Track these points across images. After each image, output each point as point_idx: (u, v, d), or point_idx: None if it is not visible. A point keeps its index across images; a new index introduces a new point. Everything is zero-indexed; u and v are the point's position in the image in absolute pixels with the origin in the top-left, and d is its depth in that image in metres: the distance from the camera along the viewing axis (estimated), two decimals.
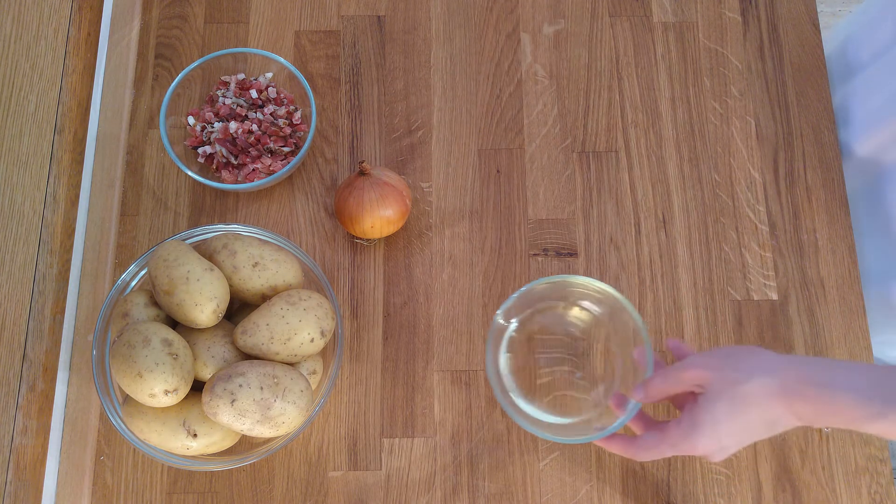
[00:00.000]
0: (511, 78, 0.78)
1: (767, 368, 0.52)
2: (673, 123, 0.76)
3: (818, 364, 0.53)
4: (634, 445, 0.57)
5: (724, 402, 0.53)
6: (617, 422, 0.59)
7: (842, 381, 0.50)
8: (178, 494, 0.67)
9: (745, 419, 0.53)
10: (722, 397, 0.53)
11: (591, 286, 0.64)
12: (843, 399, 0.50)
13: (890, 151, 0.72)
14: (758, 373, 0.52)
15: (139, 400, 0.57)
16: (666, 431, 0.56)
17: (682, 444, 0.55)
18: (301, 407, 0.59)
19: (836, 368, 0.52)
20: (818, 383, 0.50)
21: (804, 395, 0.51)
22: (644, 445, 0.57)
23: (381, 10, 0.80)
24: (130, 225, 0.74)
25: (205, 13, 0.80)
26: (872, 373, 0.51)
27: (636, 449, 0.57)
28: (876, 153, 0.73)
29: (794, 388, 0.51)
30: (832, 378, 0.51)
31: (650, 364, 0.59)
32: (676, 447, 0.55)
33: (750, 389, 0.52)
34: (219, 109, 0.73)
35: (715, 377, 0.53)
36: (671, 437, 0.55)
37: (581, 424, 0.65)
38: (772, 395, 0.52)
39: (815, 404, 0.50)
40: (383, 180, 0.68)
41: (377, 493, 0.67)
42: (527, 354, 0.68)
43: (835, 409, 0.50)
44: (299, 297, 0.61)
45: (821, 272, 0.72)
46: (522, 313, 0.68)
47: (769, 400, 0.52)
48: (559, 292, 0.67)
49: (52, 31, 0.71)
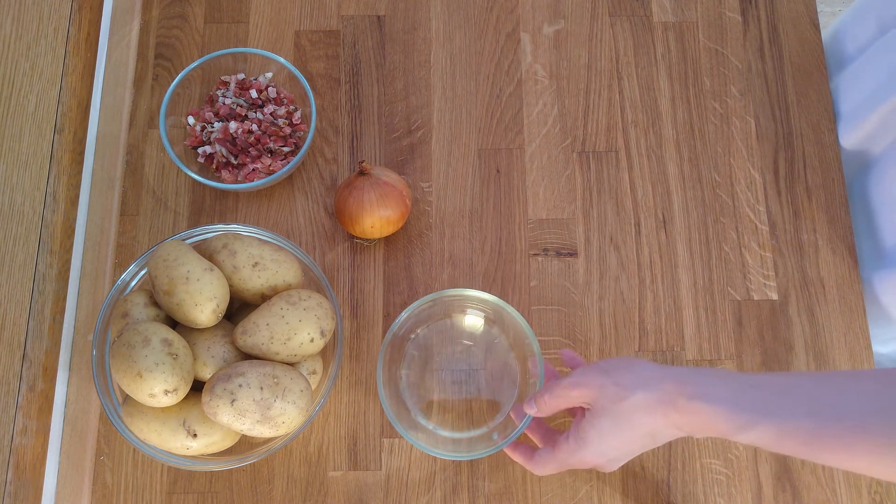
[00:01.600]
0: (511, 78, 0.78)
1: (647, 383, 0.53)
2: (673, 123, 0.76)
3: (693, 375, 0.53)
4: (532, 461, 0.61)
5: (608, 419, 0.54)
6: (513, 433, 0.61)
7: (712, 392, 0.51)
8: (178, 494, 0.67)
9: (629, 433, 0.54)
10: (606, 414, 0.54)
11: (485, 300, 0.65)
12: (713, 411, 0.50)
13: (872, 144, 0.73)
14: (639, 388, 0.53)
15: (139, 400, 0.57)
16: (557, 447, 0.58)
17: (571, 459, 0.57)
18: (301, 407, 0.59)
19: (710, 380, 0.52)
20: (690, 395, 0.51)
21: (679, 408, 0.52)
22: (539, 461, 0.60)
23: (381, 10, 0.80)
24: (130, 225, 0.74)
25: (205, 13, 0.80)
26: (742, 383, 0.52)
27: (533, 464, 0.60)
28: (860, 145, 0.74)
29: (671, 401, 0.52)
30: (703, 390, 0.51)
31: (541, 375, 0.61)
32: (567, 462, 0.58)
33: (631, 405, 0.53)
34: (219, 109, 0.73)
35: (598, 395, 0.55)
36: (561, 452, 0.57)
37: (484, 436, 0.66)
38: (651, 409, 0.53)
39: (689, 416, 0.51)
40: (383, 180, 0.68)
41: (377, 493, 0.67)
42: (423, 370, 0.69)
43: (706, 420, 0.51)
44: (299, 297, 0.61)
45: (821, 272, 0.72)
46: (417, 329, 0.69)
47: (649, 414, 0.53)
48: (454, 306, 0.69)
49: (52, 31, 0.71)
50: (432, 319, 0.70)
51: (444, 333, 0.70)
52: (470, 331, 0.70)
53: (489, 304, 0.66)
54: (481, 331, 0.70)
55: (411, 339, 0.69)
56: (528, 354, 0.64)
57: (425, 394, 0.68)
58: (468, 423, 0.68)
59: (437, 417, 0.68)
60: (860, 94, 0.73)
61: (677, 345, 0.70)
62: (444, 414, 0.68)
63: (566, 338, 0.70)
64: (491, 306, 0.67)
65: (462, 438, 0.67)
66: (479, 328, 0.70)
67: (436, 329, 0.70)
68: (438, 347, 0.69)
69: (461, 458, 0.66)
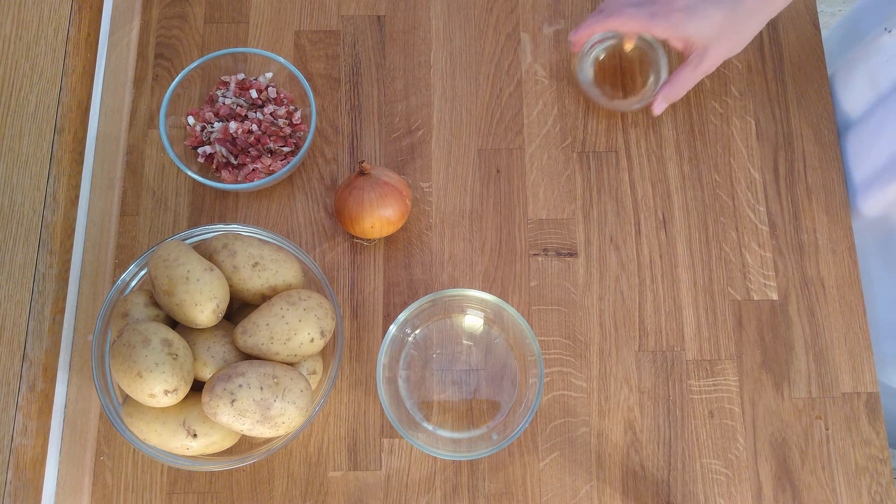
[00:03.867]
0: (511, 78, 0.78)
1: None
2: (673, 123, 0.76)
3: None
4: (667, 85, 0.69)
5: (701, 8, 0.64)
6: (513, 433, 0.61)
7: None
8: (178, 494, 0.67)
9: None
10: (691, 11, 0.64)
11: (485, 300, 0.65)
12: None
13: None
14: None
15: (139, 400, 0.57)
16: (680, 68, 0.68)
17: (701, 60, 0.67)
18: (301, 407, 0.59)
19: None
20: None
21: None
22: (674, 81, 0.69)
23: (381, 10, 0.80)
24: (130, 225, 0.74)
25: (205, 13, 0.80)
26: None
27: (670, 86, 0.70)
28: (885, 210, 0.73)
29: None
30: None
31: (541, 375, 0.62)
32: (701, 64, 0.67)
33: None
34: (219, 109, 0.73)
35: None
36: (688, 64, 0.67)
37: (484, 437, 0.67)
38: None
39: None
40: (383, 180, 0.68)
41: (377, 493, 0.67)
42: (423, 370, 0.69)
43: None
44: (299, 297, 0.61)
45: (821, 272, 0.72)
46: (417, 329, 0.69)
47: None
48: (454, 306, 0.69)
49: (52, 31, 0.71)
50: (432, 319, 0.70)
51: (443, 333, 0.70)
52: (470, 331, 0.70)
53: (489, 304, 0.66)
54: (481, 331, 0.70)
55: (411, 339, 0.69)
56: (528, 354, 0.64)
57: (425, 394, 0.68)
58: (468, 423, 0.68)
59: (436, 417, 0.68)
60: (878, 159, 0.71)
61: (677, 345, 0.70)
62: (444, 414, 0.68)
63: (566, 338, 0.70)
64: (491, 306, 0.67)
65: (462, 439, 0.67)
66: (479, 328, 0.70)
67: (436, 329, 0.70)
68: (438, 348, 0.69)
69: (461, 459, 0.66)
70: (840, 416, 0.68)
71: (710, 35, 0.65)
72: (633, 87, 0.76)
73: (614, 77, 0.76)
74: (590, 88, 0.74)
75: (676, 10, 0.65)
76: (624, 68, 0.76)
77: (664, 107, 0.70)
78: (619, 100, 0.75)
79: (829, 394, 0.69)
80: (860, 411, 0.68)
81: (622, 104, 0.74)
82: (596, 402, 0.68)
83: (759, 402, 0.68)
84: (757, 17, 0.65)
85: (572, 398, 0.69)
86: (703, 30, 0.65)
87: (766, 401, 0.68)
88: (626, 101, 0.75)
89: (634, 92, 0.75)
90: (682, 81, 0.69)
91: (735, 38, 0.66)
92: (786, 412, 0.68)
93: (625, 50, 0.75)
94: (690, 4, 0.65)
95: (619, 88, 0.76)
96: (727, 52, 0.67)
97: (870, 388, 0.69)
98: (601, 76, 0.76)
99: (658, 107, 0.70)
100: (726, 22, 0.65)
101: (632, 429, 0.68)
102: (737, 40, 0.67)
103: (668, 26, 0.65)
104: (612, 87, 0.76)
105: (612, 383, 0.69)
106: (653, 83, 0.75)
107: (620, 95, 0.76)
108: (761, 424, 0.68)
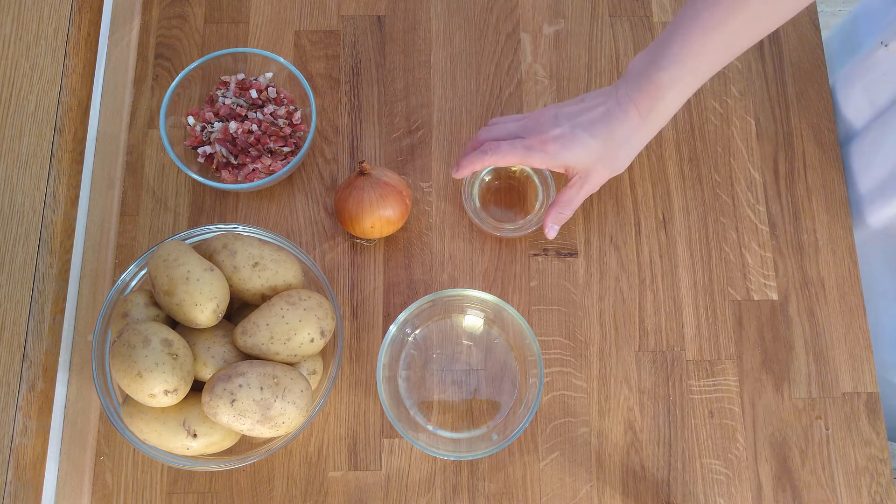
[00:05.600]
0: (511, 78, 0.78)
1: None
2: (673, 123, 0.76)
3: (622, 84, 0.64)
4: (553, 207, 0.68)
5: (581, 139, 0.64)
6: (513, 433, 0.62)
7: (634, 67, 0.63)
8: (178, 494, 0.67)
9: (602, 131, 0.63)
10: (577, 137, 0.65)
11: (485, 300, 0.65)
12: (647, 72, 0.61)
13: None
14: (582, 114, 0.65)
15: (139, 400, 0.57)
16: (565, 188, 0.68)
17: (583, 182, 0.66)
18: (301, 407, 0.59)
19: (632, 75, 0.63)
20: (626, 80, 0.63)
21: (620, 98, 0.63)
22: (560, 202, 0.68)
23: (381, 10, 0.80)
24: (130, 225, 0.74)
25: (205, 13, 0.80)
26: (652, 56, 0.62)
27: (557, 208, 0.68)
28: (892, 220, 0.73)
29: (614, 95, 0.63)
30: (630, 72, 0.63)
31: (541, 375, 0.62)
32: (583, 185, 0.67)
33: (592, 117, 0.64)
34: (219, 109, 0.73)
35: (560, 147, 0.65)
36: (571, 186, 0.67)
37: (484, 437, 0.67)
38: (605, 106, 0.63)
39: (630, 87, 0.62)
40: (383, 180, 0.68)
41: (377, 493, 0.67)
42: (423, 370, 0.69)
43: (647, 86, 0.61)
44: (299, 297, 0.61)
45: (821, 272, 0.72)
46: (416, 329, 0.69)
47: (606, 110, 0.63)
48: (454, 306, 0.69)
49: (52, 31, 0.71)
50: (432, 319, 0.70)
51: (443, 333, 0.70)
52: (470, 331, 0.70)
53: (489, 304, 0.66)
54: (481, 331, 0.70)
55: (411, 339, 0.69)
56: (528, 354, 0.64)
57: (425, 394, 0.68)
58: (468, 423, 0.68)
59: (436, 417, 0.68)
60: (880, 172, 0.71)
61: (677, 345, 0.70)
62: (444, 414, 0.68)
63: (566, 338, 0.70)
64: (491, 306, 0.67)
65: (462, 438, 0.67)
66: (479, 328, 0.70)
67: (436, 329, 0.70)
68: (438, 348, 0.69)
69: (461, 459, 0.66)
70: (840, 416, 0.68)
71: (589, 162, 0.65)
72: (522, 207, 0.73)
73: (502, 198, 0.73)
74: (477, 214, 0.71)
75: (550, 141, 0.64)
76: (511, 188, 0.73)
77: (557, 230, 0.69)
78: (508, 223, 0.72)
79: (829, 394, 0.69)
80: (860, 411, 0.68)
81: (508, 230, 0.71)
82: (596, 402, 0.68)
83: (759, 402, 0.68)
84: (631, 144, 0.64)
85: (572, 398, 0.69)
86: (582, 157, 0.64)
87: (766, 401, 0.69)
88: (514, 224, 0.71)
89: (524, 212, 0.72)
90: (569, 203, 0.67)
91: (614, 163, 0.65)
92: (786, 412, 0.68)
93: (511, 170, 0.73)
94: (564, 133, 0.64)
95: (509, 209, 0.73)
96: (609, 174, 0.67)
97: (870, 388, 0.69)
98: (487, 200, 0.73)
99: (551, 231, 0.68)
100: (603, 148, 0.64)
101: (632, 429, 0.68)
102: (616, 165, 0.66)
103: (546, 157, 0.64)
104: (501, 208, 0.73)
105: (612, 383, 0.69)
106: (543, 201, 0.72)
107: (511, 217, 0.72)
108: (761, 424, 0.68)
